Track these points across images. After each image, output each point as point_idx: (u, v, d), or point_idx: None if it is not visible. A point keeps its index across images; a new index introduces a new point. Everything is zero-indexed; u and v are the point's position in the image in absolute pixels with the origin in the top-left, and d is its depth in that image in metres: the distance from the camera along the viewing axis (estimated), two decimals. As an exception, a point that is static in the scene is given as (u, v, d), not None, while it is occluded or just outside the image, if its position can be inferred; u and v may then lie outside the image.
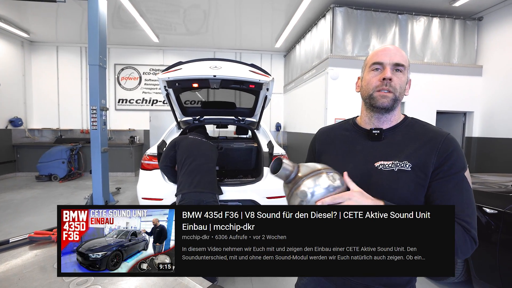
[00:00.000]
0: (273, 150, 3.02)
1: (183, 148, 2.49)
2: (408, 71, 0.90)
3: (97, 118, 4.68)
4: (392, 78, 0.86)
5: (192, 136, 2.67)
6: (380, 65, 0.88)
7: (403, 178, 0.84)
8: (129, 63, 8.28)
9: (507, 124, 5.09)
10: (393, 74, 0.87)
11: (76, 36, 7.44)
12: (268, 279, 2.67)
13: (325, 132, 1.11)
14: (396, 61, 0.86)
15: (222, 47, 8.29)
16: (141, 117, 8.36)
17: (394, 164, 0.86)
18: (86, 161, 7.40)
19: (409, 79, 0.91)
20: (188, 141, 2.57)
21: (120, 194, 5.78)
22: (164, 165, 2.50)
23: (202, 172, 2.39)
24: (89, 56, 4.58)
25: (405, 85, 0.90)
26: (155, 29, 6.85)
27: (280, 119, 8.86)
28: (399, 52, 0.88)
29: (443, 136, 0.84)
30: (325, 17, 5.43)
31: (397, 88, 0.87)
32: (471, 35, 5.70)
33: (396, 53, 0.87)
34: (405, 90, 0.91)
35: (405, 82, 0.89)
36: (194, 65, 2.64)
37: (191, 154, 2.46)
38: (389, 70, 0.86)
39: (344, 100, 5.15)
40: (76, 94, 8.11)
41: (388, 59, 0.87)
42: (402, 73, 0.88)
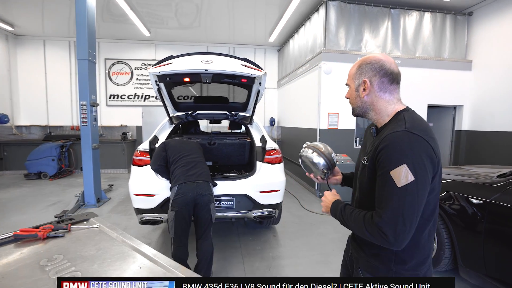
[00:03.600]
0: (266, 144, 3.01)
1: (174, 147, 2.60)
2: (356, 78, 1.05)
3: (87, 114, 4.59)
4: (347, 95, 1.12)
5: (178, 138, 2.84)
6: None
7: (364, 172, 1.01)
8: (120, 58, 8.11)
9: (494, 117, 5.20)
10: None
11: (64, 30, 7.23)
12: (262, 273, 2.69)
13: (368, 126, 1.26)
14: (346, 82, 1.12)
15: (216, 41, 8.19)
16: (134, 112, 8.24)
17: (363, 159, 1.04)
18: (77, 158, 7.27)
19: (362, 81, 1.03)
20: (176, 141, 2.71)
21: (112, 191, 5.72)
22: (158, 165, 2.55)
23: (196, 164, 2.48)
24: (77, 50, 4.47)
25: (355, 94, 1.06)
26: (146, 23, 6.71)
27: (274, 114, 8.85)
28: (348, 72, 1.10)
29: (388, 133, 0.92)
30: (319, 11, 5.41)
31: (350, 101, 1.11)
32: (461, 30, 5.76)
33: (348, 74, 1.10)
34: (356, 97, 1.06)
35: (354, 94, 1.07)
36: (186, 59, 2.60)
37: (182, 151, 2.55)
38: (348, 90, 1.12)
39: (337, 94, 5.16)
40: (65, 89, 7.93)
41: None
42: (350, 88, 1.09)
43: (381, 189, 0.89)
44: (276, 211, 2.92)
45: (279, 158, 2.96)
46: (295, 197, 5.29)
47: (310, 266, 2.83)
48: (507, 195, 2.01)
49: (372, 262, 1.03)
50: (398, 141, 0.88)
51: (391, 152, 0.88)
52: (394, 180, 0.85)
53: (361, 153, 1.14)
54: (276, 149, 2.97)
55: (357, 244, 1.11)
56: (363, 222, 0.92)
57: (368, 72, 1.01)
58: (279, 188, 2.86)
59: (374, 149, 0.94)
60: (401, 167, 0.85)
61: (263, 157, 2.92)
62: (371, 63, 1.01)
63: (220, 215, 2.77)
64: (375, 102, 1.02)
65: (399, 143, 0.87)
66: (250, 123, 3.54)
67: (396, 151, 0.87)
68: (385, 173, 0.88)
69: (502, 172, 2.33)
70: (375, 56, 1.02)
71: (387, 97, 1.01)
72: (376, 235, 0.88)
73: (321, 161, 1.23)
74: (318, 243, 3.36)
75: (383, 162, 0.89)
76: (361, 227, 0.93)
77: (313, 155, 1.24)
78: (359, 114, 1.09)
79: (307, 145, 1.30)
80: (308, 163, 1.28)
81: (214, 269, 2.68)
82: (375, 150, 0.93)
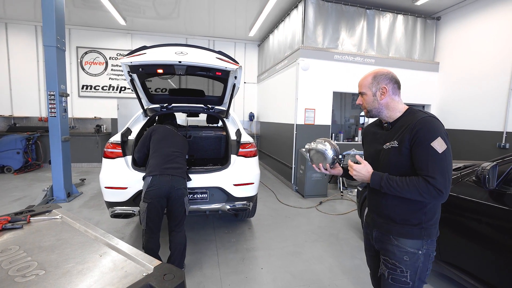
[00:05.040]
0: (240, 138, 3.04)
1: (160, 133, 2.62)
2: (373, 86, 1.35)
3: (56, 104, 4.36)
4: (360, 102, 1.43)
5: (169, 127, 2.81)
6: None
7: (393, 151, 1.30)
8: (93, 47, 7.72)
9: (457, 116, 5.60)
10: (361, 98, 1.42)
11: (30, 13, 6.74)
12: (235, 264, 2.75)
13: (366, 127, 1.61)
14: (359, 91, 1.42)
15: (195, 33, 8.03)
16: (108, 104, 7.91)
17: (390, 143, 1.31)
18: (46, 151, 6.88)
19: (380, 87, 1.34)
20: (165, 128, 2.71)
21: (85, 185, 5.50)
22: (142, 154, 2.60)
23: (175, 159, 2.47)
24: (44, 36, 4.21)
25: (372, 98, 1.37)
26: (121, 11, 6.42)
27: (254, 109, 8.88)
28: (360, 83, 1.40)
29: (416, 119, 1.24)
30: (298, 8, 5.47)
31: (365, 105, 1.40)
32: (430, 33, 6.09)
33: (359, 85, 1.41)
34: (374, 101, 1.37)
35: (371, 98, 1.37)
36: (159, 50, 2.55)
37: (166, 140, 2.57)
38: (359, 98, 1.44)
39: (314, 90, 5.29)
40: (32, 78, 7.43)
41: (358, 90, 1.43)
42: (366, 95, 1.38)
43: (425, 158, 1.18)
44: (251, 204, 2.98)
45: (253, 151, 3.00)
46: (272, 191, 5.39)
47: (283, 256, 2.93)
48: (459, 187, 2.20)
49: (405, 226, 1.30)
50: (430, 122, 1.20)
51: (427, 130, 1.18)
52: (436, 149, 1.16)
53: (372, 143, 1.45)
54: (251, 143, 3.01)
55: (385, 218, 1.38)
56: (416, 185, 1.18)
57: (384, 80, 1.34)
58: (253, 181, 2.91)
59: (408, 132, 1.23)
60: (438, 139, 1.17)
61: (237, 151, 2.95)
62: (384, 74, 1.35)
63: (194, 207, 2.77)
64: (389, 103, 1.35)
65: (431, 124, 1.20)
66: (226, 117, 3.55)
67: (431, 129, 1.18)
68: (427, 145, 1.17)
69: (457, 166, 2.54)
70: (384, 69, 1.38)
71: (397, 99, 1.36)
72: (432, 193, 1.16)
73: (330, 152, 1.50)
74: (291, 234, 3.48)
75: (423, 138, 1.18)
76: (414, 189, 1.19)
77: (326, 146, 1.51)
78: (374, 115, 1.41)
79: (317, 140, 1.58)
80: (318, 154, 1.54)
81: (188, 262, 2.70)
82: (411, 132, 1.22)
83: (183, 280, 0.79)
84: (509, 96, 4.61)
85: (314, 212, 4.29)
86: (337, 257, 2.94)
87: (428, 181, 1.16)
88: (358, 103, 1.44)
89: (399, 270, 1.30)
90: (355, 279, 2.55)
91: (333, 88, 5.43)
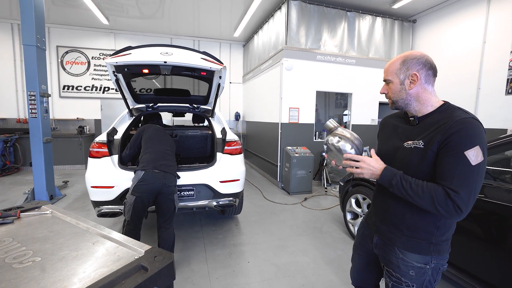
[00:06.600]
0: (226, 136, 3.12)
1: (152, 132, 2.71)
2: (401, 73, 1.12)
3: (36, 105, 4.26)
4: (385, 91, 1.20)
5: (157, 126, 2.91)
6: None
7: (416, 153, 1.08)
8: (75, 46, 7.53)
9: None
10: (386, 87, 1.19)
11: (5, 10, 6.49)
12: (223, 259, 2.83)
13: (385, 117, 1.40)
14: (384, 78, 1.19)
15: (180, 33, 8.01)
16: (91, 105, 7.74)
17: (414, 143, 1.10)
18: (25, 154, 6.66)
19: (410, 74, 1.10)
20: (155, 127, 2.81)
21: (68, 187, 5.39)
22: (133, 151, 2.69)
23: (167, 156, 2.56)
24: (23, 35, 4.11)
25: (400, 87, 1.13)
26: (104, 10, 6.32)
27: (240, 109, 8.97)
28: (386, 69, 1.17)
29: (454, 119, 1.00)
30: (281, 9, 5.61)
31: (390, 95, 1.18)
32: (407, 35, 6.41)
33: (385, 71, 1.19)
34: (401, 91, 1.14)
35: (398, 87, 1.14)
36: (144, 50, 2.59)
37: (158, 138, 2.66)
38: (383, 86, 1.21)
39: (297, 90, 5.44)
40: (9, 78, 7.16)
41: (383, 78, 1.21)
42: (392, 83, 1.16)
43: (453, 166, 0.97)
44: (237, 200, 3.07)
45: (238, 149, 3.09)
46: (258, 188, 5.50)
47: (269, 250, 3.04)
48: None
49: (412, 239, 1.12)
50: (471, 126, 0.97)
51: (466, 134, 0.96)
52: (469, 159, 0.94)
53: (391, 139, 1.23)
54: (236, 141, 3.10)
55: (390, 226, 1.19)
56: (433, 194, 0.98)
57: (415, 66, 1.08)
58: (239, 177, 3.00)
59: (441, 133, 1.00)
60: (475, 148, 0.95)
61: (223, 148, 3.03)
62: (416, 57, 1.09)
63: (181, 205, 2.83)
64: (420, 94, 1.10)
65: (472, 128, 0.97)
66: (212, 116, 3.61)
67: (471, 134, 0.96)
68: (459, 153, 0.95)
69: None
70: (417, 52, 1.11)
71: (430, 89, 1.11)
72: (449, 209, 0.96)
73: (348, 147, 1.23)
74: (277, 229, 3.59)
75: (458, 143, 0.96)
76: (428, 198, 0.99)
77: (346, 144, 1.22)
78: (400, 107, 1.17)
79: (338, 133, 1.27)
80: (337, 149, 1.24)
81: (176, 258, 2.75)
82: (444, 133, 0.99)
83: (172, 260, 0.87)
84: (477, 96, 4.95)
85: (299, 208, 4.44)
86: (320, 249, 3.08)
87: (448, 195, 0.96)
88: (382, 92, 1.21)
89: (405, 284, 1.15)
90: (337, 268, 2.69)
91: (316, 87, 5.61)
